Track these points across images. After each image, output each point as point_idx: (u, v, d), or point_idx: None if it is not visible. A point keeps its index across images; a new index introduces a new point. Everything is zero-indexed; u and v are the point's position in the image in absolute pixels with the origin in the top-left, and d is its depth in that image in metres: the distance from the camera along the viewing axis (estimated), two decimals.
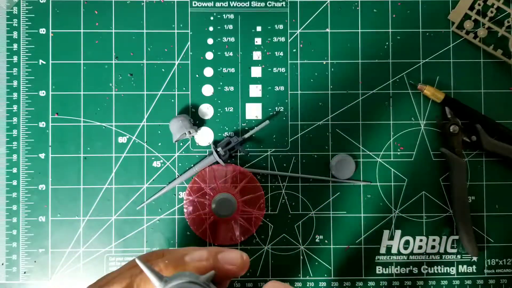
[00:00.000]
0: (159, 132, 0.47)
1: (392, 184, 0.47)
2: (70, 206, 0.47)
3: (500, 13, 0.48)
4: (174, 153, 0.47)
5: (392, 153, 0.47)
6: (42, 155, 0.47)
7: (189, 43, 0.47)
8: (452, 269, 0.47)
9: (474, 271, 0.47)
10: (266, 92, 0.47)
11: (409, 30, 0.48)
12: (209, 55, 0.47)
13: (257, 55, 0.48)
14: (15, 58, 0.47)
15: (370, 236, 0.47)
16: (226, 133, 0.47)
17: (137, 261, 0.26)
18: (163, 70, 0.47)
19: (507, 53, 0.47)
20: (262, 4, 0.48)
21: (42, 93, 0.47)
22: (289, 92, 0.48)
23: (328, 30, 0.48)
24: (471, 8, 0.47)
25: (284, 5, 0.48)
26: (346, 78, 0.48)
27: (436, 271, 0.47)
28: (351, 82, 0.48)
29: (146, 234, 0.47)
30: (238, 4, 0.48)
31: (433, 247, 0.47)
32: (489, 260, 0.47)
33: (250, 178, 0.46)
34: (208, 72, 0.47)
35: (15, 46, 0.47)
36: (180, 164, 0.47)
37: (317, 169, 0.47)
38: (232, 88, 0.47)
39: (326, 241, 0.47)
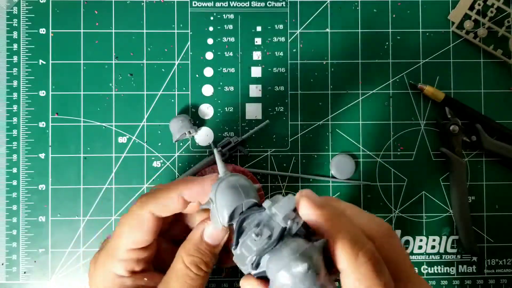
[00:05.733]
0: (159, 132, 0.47)
1: (392, 184, 0.47)
2: (70, 206, 0.47)
3: (500, 13, 0.48)
4: (174, 153, 0.47)
5: (392, 153, 0.47)
6: (42, 155, 0.47)
7: (189, 43, 0.47)
8: (452, 269, 0.47)
9: (474, 271, 0.47)
10: (266, 92, 0.47)
11: (409, 30, 0.48)
12: (209, 55, 0.47)
13: (257, 55, 0.47)
14: (15, 58, 0.47)
15: None
16: (226, 133, 0.47)
17: (214, 151, 0.36)
18: (163, 70, 0.47)
19: (507, 53, 0.47)
20: (262, 4, 0.48)
21: (42, 93, 0.47)
22: (289, 92, 0.48)
23: (328, 30, 0.48)
24: (471, 8, 0.47)
25: (284, 5, 0.48)
26: (346, 78, 0.48)
27: (436, 271, 0.47)
28: (351, 82, 0.48)
29: None
30: (238, 4, 0.48)
31: (433, 247, 0.47)
32: (489, 260, 0.47)
33: (250, 178, 0.46)
34: (208, 72, 0.47)
35: (15, 46, 0.47)
36: (180, 164, 0.47)
37: (317, 169, 0.47)
38: (232, 88, 0.47)
39: None
